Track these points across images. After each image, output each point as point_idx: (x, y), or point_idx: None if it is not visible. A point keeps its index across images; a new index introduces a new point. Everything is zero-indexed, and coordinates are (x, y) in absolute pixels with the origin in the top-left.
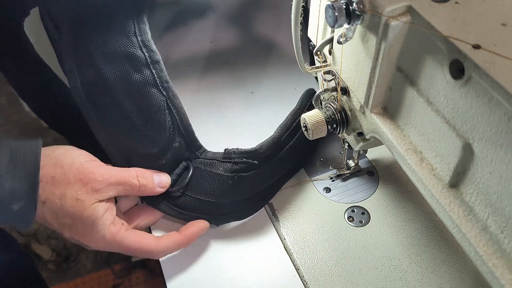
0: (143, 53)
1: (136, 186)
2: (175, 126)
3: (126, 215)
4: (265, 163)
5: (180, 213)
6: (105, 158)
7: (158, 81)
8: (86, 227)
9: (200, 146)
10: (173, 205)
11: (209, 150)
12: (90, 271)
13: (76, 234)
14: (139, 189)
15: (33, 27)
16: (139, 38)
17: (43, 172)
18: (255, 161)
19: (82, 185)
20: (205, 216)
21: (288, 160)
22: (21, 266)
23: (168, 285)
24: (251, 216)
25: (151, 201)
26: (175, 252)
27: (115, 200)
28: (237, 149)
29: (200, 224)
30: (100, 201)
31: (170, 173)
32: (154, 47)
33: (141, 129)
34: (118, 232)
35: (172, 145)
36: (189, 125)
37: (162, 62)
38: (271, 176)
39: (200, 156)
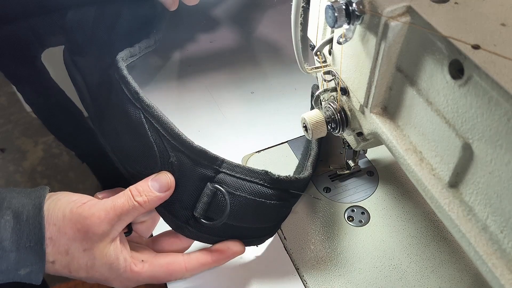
0: (113, 71)
1: (137, 207)
2: (162, 139)
3: (153, 242)
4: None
5: (215, 240)
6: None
7: (128, 95)
8: (104, 274)
9: (216, 158)
10: (207, 234)
11: (210, 150)
12: None
13: (97, 281)
14: (143, 207)
15: (50, 56)
16: (112, 59)
17: None
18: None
19: (83, 234)
20: (245, 240)
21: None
22: None
23: (168, 285)
24: None
25: (176, 228)
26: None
27: (130, 229)
28: (294, 177)
29: (236, 250)
30: (111, 241)
31: (194, 202)
32: (120, 63)
33: (135, 151)
34: (141, 270)
35: (168, 160)
36: (179, 135)
37: (128, 76)
38: None
39: (221, 169)
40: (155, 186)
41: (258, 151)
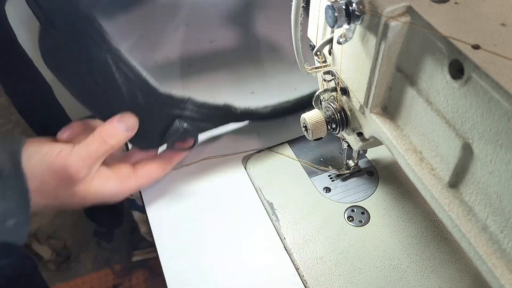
0: (84, 13)
1: (110, 147)
2: (130, 80)
3: (134, 169)
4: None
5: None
6: None
7: (95, 37)
8: (99, 201)
9: (182, 99)
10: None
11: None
12: (90, 271)
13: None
14: (114, 147)
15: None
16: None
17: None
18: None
19: (67, 180)
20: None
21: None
22: (23, 270)
23: (168, 285)
24: (250, 216)
25: (146, 147)
26: (176, 252)
27: None
28: (250, 109)
29: (180, 154)
30: (93, 177)
31: (162, 137)
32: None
33: (102, 94)
34: (132, 183)
35: (136, 101)
36: (142, 76)
37: (96, 20)
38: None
39: (187, 106)
40: (122, 127)
41: (258, 151)
